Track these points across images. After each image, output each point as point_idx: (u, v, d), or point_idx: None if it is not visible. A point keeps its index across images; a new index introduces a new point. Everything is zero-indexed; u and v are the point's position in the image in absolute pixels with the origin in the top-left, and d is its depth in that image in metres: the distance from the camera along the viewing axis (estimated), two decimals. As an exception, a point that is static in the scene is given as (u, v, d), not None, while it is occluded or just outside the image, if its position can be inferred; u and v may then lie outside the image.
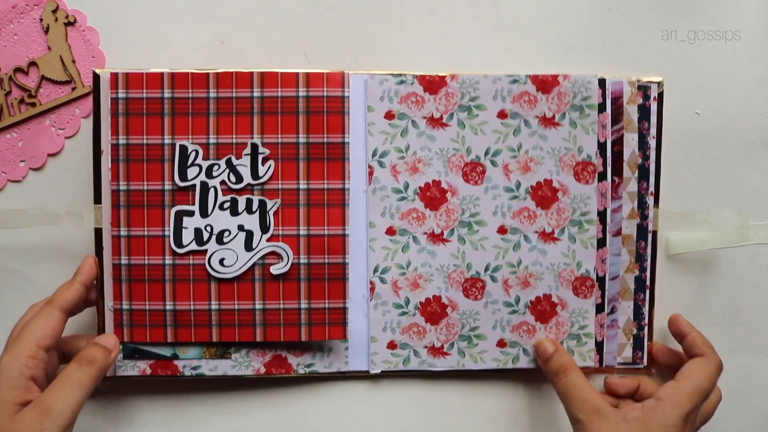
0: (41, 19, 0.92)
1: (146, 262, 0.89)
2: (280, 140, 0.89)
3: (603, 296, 0.94)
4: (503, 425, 0.97)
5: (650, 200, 0.94)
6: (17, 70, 0.93)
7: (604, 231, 0.93)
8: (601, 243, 0.93)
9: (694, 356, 0.91)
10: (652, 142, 0.94)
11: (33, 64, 0.93)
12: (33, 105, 0.93)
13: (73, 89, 0.93)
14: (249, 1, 0.94)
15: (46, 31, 0.92)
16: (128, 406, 0.95)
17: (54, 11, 0.92)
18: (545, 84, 0.92)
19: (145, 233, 0.89)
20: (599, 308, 0.94)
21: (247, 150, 0.89)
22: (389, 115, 0.91)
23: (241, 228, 0.90)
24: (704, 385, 0.86)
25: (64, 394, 0.77)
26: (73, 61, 0.93)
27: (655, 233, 0.95)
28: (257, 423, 0.95)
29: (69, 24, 0.93)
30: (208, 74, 0.89)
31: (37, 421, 0.75)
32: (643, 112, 0.93)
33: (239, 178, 0.89)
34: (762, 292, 0.98)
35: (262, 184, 0.89)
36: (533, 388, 0.97)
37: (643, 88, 0.93)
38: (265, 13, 0.94)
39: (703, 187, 0.97)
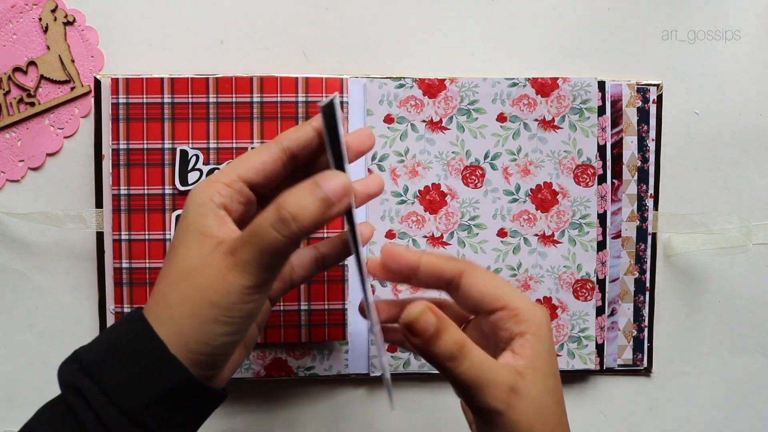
0: (40, 19, 0.92)
1: (147, 265, 0.90)
2: (280, 145, 0.89)
3: (603, 299, 0.94)
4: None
5: (650, 203, 0.94)
6: (16, 69, 0.92)
7: (604, 233, 0.93)
8: (601, 245, 0.93)
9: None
10: (651, 145, 0.94)
11: (32, 63, 0.92)
12: (32, 104, 0.92)
13: (72, 89, 0.93)
14: (249, 2, 0.94)
15: (45, 30, 0.92)
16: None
17: (53, 11, 0.92)
18: (544, 87, 0.92)
19: (146, 237, 0.89)
20: (599, 311, 0.94)
21: (248, 154, 0.89)
22: (388, 119, 0.91)
23: (241, 231, 0.90)
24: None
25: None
26: (72, 61, 0.93)
27: (654, 235, 0.95)
28: (258, 424, 0.96)
29: (68, 23, 0.92)
30: (207, 79, 0.89)
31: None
32: (642, 114, 0.93)
33: (239, 183, 0.89)
34: (762, 292, 0.98)
35: (263, 188, 0.90)
36: (533, 389, 0.98)
37: (642, 91, 0.93)
38: (265, 14, 0.94)
39: (702, 188, 0.97)
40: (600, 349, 0.94)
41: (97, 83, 0.90)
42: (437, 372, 0.88)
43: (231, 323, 0.60)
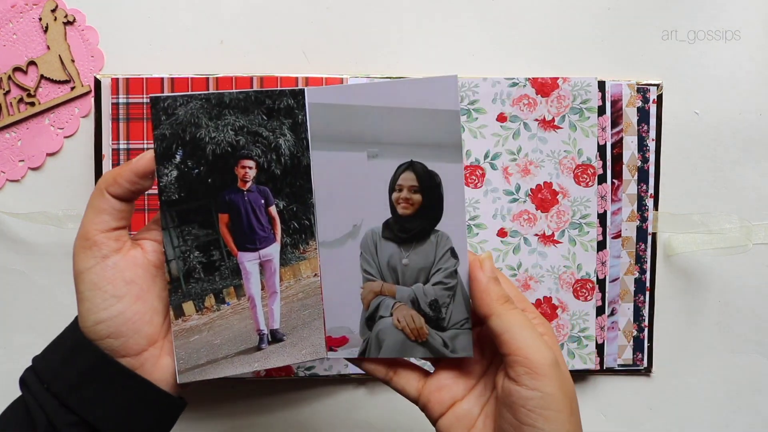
0: (40, 19, 0.92)
1: (147, 265, 0.90)
2: (280, 144, 0.89)
3: (603, 298, 0.94)
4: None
5: (650, 202, 0.94)
6: (16, 69, 0.92)
7: (604, 233, 0.93)
8: (601, 245, 0.93)
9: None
10: (652, 145, 0.94)
11: (32, 63, 0.92)
12: (32, 104, 0.93)
13: (72, 89, 0.93)
14: (248, 1, 0.94)
15: (45, 30, 0.92)
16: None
17: (53, 11, 0.92)
18: (545, 87, 0.91)
19: (146, 237, 0.89)
20: (599, 310, 0.94)
21: (248, 154, 0.89)
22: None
23: (241, 232, 0.90)
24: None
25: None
26: (72, 61, 0.93)
27: (654, 235, 0.95)
28: (258, 424, 0.96)
29: (68, 23, 0.92)
30: (207, 79, 0.89)
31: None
32: (643, 114, 0.93)
33: (240, 183, 0.89)
34: (762, 292, 0.98)
35: (263, 188, 0.90)
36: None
37: (643, 91, 0.93)
38: (265, 13, 0.94)
39: (702, 187, 0.97)
40: (600, 348, 0.94)
41: (97, 83, 0.90)
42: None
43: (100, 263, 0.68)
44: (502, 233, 0.93)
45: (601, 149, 0.93)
